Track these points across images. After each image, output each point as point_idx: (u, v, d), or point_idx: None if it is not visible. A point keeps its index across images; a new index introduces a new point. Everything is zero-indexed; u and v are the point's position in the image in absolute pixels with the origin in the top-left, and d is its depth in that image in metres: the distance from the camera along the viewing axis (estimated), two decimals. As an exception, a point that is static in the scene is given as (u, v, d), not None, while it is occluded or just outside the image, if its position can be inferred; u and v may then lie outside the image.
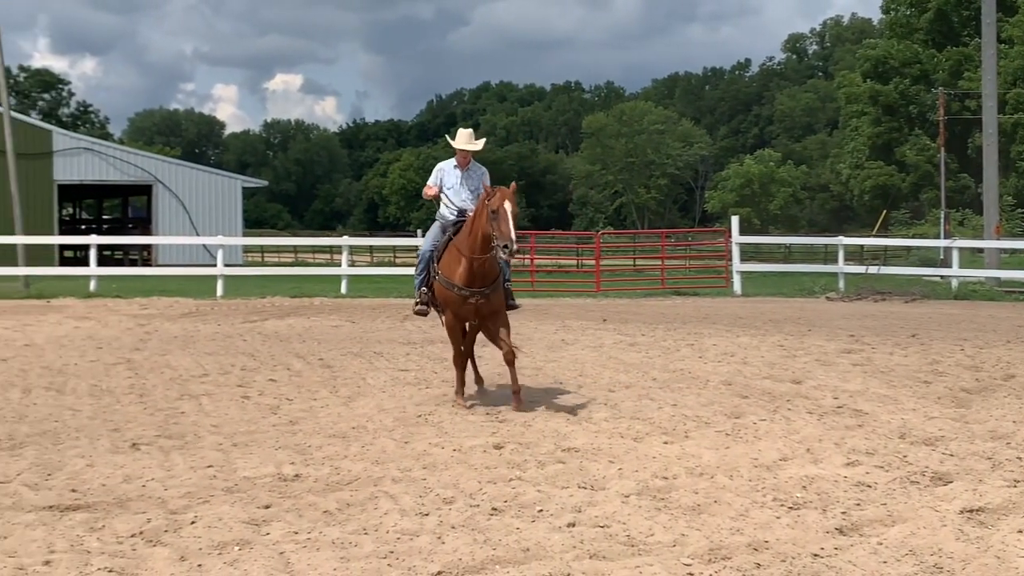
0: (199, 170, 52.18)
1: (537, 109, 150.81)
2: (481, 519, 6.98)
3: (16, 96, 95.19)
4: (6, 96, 32.92)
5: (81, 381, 12.88)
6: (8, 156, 31.38)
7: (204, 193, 49.38)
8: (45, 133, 47.42)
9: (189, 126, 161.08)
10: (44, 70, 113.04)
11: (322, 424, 10.30)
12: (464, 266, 10.90)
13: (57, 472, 8.18)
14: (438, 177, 11.79)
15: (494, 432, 9.80)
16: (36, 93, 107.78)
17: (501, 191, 10.68)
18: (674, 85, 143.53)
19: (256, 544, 6.38)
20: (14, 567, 5.91)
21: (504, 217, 10.42)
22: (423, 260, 11.64)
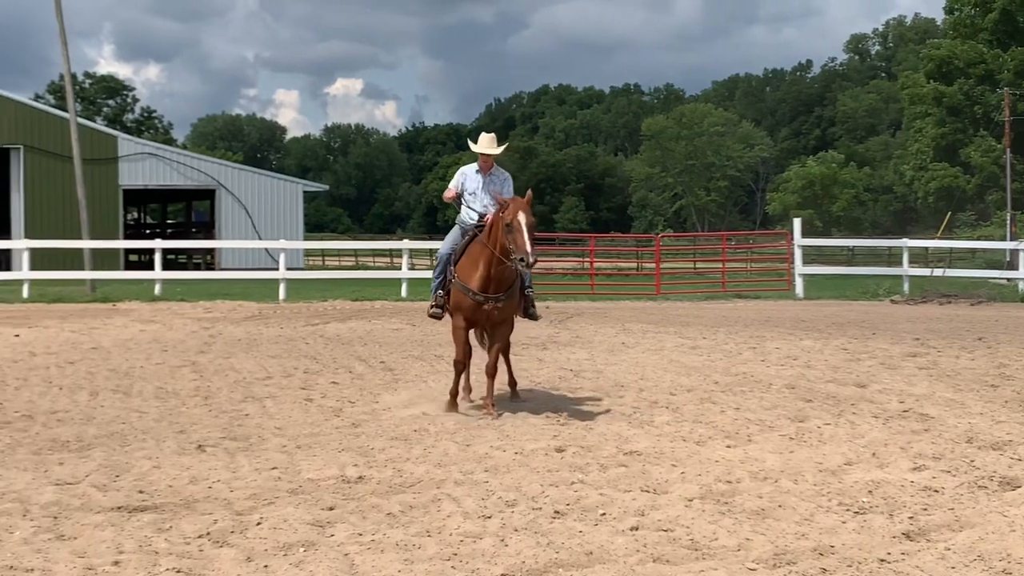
0: (261, 175, 52.65)
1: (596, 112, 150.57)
2: (544, 522, 6.98)
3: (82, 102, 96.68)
4: (73, 102, 33.44)
5: (147, 384, 13.05)
6: (75, 161, 31.86)
7: (266, 197, 49.80)
8: (111, 139, 48.06)
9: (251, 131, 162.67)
10: (109, 76, 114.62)
11: (384, 427, 10.35)
12: (481, 272, 10.86)
13: (125, 473, 8.29)
14: (460, 181, 11.72)
15: (555, 435, 9.79)
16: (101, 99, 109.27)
17: (515, 202, 10.60)
18: (735, 87, 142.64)
19: (321, 545, 6.43)
20: (84, 567, 5.99)
21: (519, 230, 10.34)
22: (441, 263, 11.61)
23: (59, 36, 31.99)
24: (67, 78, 34.06)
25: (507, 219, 10.43)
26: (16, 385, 12.87)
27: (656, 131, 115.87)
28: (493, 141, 11.68)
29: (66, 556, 6.19)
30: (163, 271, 30.02)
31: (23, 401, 11.79)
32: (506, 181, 11.67)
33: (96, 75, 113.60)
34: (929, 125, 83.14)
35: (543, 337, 18.33)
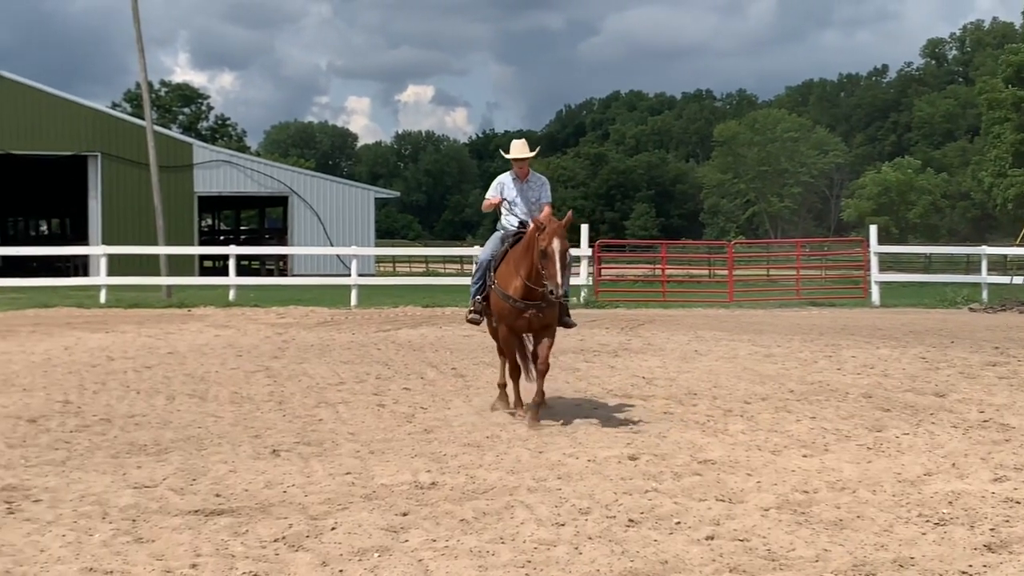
0: (333, 181, 53.10)
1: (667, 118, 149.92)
2: (618, 530, 6.93)
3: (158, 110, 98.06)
4: (149, 110, 33.95)
5: (222, 388, 13.18)
6: (152, 168, 32.35)
7: (338, 204, 50.20)
8: (186, 146, 48.75)
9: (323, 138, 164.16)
10: (184, 85, 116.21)
11: (456, 433, 10.35)
12: (520, 281, 10.75)
13: (201, 477, 8.37)
14: (498, 190, 11.62)
15: (629, 443, 9.73)
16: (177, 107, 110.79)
17: (551, 226, 10.40)
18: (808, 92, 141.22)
19: (395, 551, 6.44)
20: (162, 570, 6.05)
21: (552, 259, 10.21)
22: (480, 268, 11.53)
23: (136, 45, 32.51)
24: (144, 86, 34.59)
25: (542, 244, 10.31)
26: (94, 389, 13.07)
27: (728, 137, 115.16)
28: (525, 146, 11.58)
29: (144, 559, 6.26)
30: (237, 277, 30.32)
31: (101, 405, 11.96)
32: (544, 186, 11.61)
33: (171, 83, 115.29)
34: (1008, 130, 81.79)
35: (614, 344, 18.26)
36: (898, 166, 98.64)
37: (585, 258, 29.58)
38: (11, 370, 14.66)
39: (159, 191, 32.30)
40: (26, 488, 7.97)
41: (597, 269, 30.42)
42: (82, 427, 10.61)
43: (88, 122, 45.51)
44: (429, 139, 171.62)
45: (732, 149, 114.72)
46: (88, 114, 46.04)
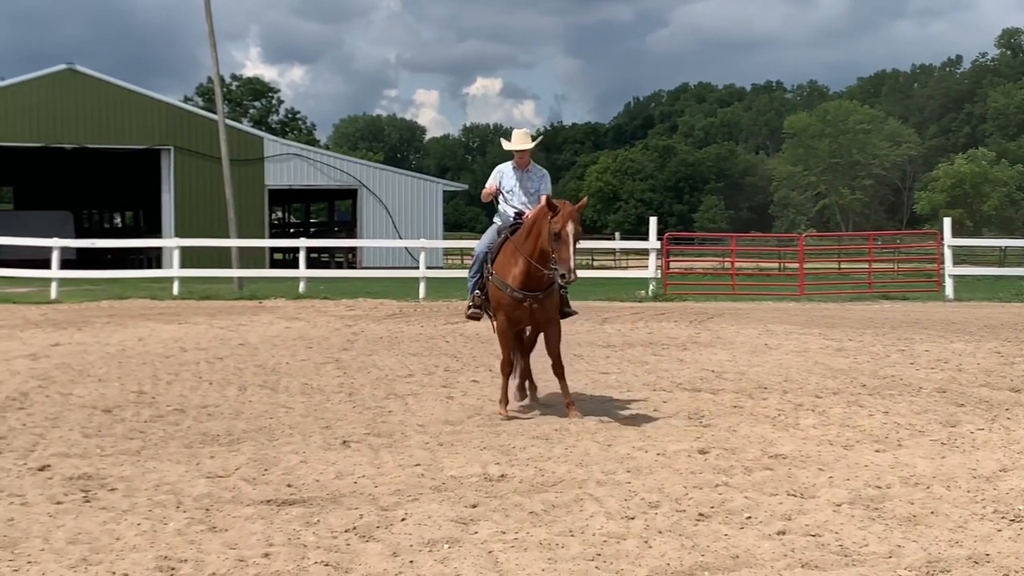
0: (401, 174, 53.36)
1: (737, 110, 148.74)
2: (688, 524, 6.90)
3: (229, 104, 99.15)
4: (221, 104, 34.33)
5: (293, 379, 13.29)
6: (223, 162, 32.72)
7: (406, 197, 50.41)
8: (257, 140, 49.20)
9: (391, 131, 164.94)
10: (255, 79, 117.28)
11: (525, 425, 10.36)
12: (520, 268, 10.51)
13: (273, 467, 8.46)
14: (497, 179, 11.43)
15: (698, 437, 9.68)
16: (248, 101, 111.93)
17: (565, 209, 10.16)
18: (880, 83, 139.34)
19: (465, 543, 6.46)
20: (235, 559, 6.13)
21: (566, 242, 9.96)
22: (477, 261, 11.29)
23: (208, 39, 32.88)
24: (216, 80, 35.01)
25: (556, 227, 10.02)
26: (168, 380, 13.25)
27: (799, 129, 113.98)
28: (526, 136, 11.41)
29: (218, 547, 6.34)
30: (307, 269, 30.55)
31: (175, 395, 12.12)
32: (544, 178, 11.44)
33: (242, 77, 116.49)
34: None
35: (683, 337, 18.16)
36: (972, 158, 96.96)
37: (654, 251, 29.44)
38: (86, 361, 14.90)
39: (231, 184, 32.65)
40: (102, 477, 8.11)
41: (666, 262, 30.27)
42: (156, 417, 10.76)
43: (161, 116, 46.10)
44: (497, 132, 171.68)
45: (803, 141, 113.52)
46: (161, 108, 46.64)
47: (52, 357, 15.26)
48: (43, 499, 7.43)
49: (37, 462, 8.57)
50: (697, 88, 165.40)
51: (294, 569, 5.99)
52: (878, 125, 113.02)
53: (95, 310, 23.92)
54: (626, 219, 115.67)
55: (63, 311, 23.52)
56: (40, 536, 6.55)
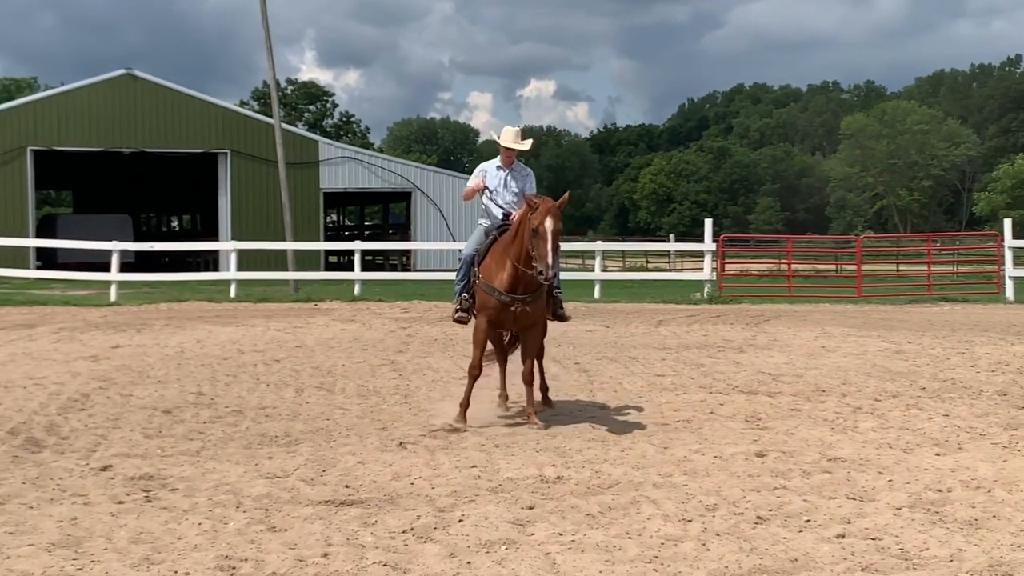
0: (456, 177, 53.44)
1: (793, 111, 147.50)
2: (746, 527, 6.86)
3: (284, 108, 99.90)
4: (277, 108, 34.59)
5: (349, 381, 13.36)
6: (280, 165, 32.97)
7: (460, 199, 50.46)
8: (312, 143, 49.49)
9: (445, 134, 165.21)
10: (310, 82, 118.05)
11: (580, 427, 10.35)
12: (508, 271, 10.30)
13: (331, 468, 8.52)
14: (480, 178, 11.17)
15: (755, 440, 9.63)
16: (303, 105, 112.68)
17: (544, 205, 9.96)
18: (939, 83, 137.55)
19: (522, 544, 6.47)
20: (295, 558, 6.18)
21: (544, 238, 9.77)
22: (464, 265, 10.98)
23: (265, 44, 33.15)
24: (272, 85, 35.27)
25: (534, 223, 9.87)
26: (226, 381, 13.37)
27: (856, 129, 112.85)
28: (519, 135, 11.10)
29: (278, 547, 6.39)
30: (362, 272, 30.71)
31: (233, 397, 12.24)
32: (528, 177, 11.14)
33: (297, 81, 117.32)
34: None
35: (739, 340, 18.06)
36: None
37: (709, 253, 29.30)
38: (146, 362, 15.07)
39: (287, 187, 32.88)
40: (163, 477, 8.20)
41: (721, 264, 30.11)
42: (215, 418, 10.87)
43: (218, 120, 46.53)
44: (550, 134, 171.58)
45: (860, 142, 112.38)
46: (218, 112, 47.07)
47: (112, 359, 15.45)
48: (105, 499, 7.53)
49: (99, 462, 8.68)
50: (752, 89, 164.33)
51: (353, 569, 6.03)
52: (936, 125, 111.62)
53: (154, 312, 24.19)
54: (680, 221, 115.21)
55: (123, 313, 23.81)
56: (103, 535, 6.64)
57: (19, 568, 5.98)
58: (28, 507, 7.28)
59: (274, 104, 34.57)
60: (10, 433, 9.83)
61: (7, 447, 9.26)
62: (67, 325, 20.72)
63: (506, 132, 11.07)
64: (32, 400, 11.72)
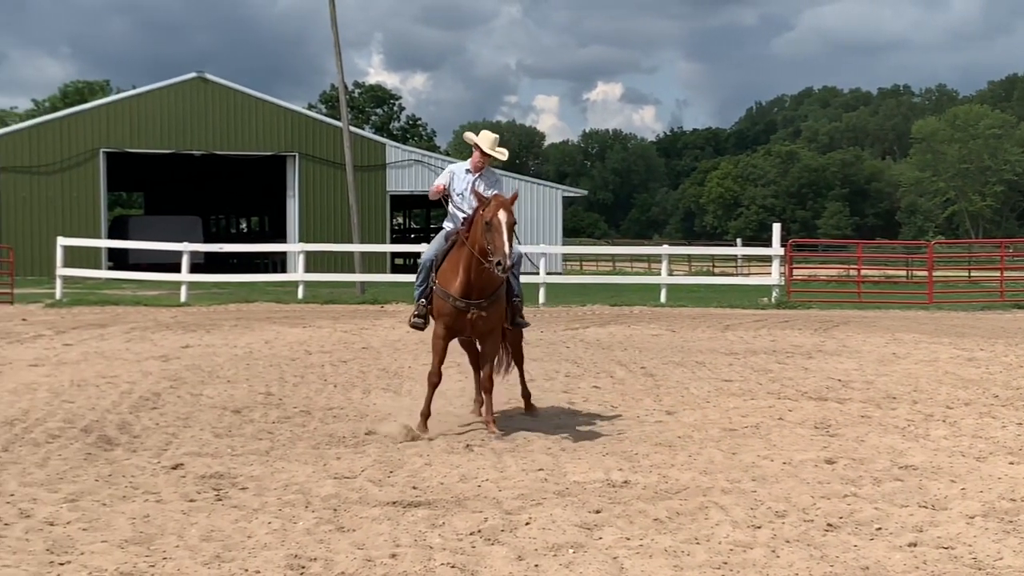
0: (521, 180, 53.53)
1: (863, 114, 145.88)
2: (816, 534, 6.79)
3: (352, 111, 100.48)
4: (346, 112, 34.85)
5: (415, 383, 13.37)
6: (347, 168, 33.19)
7: (526, 202, 50.45)
8: (379, 146, 49.78)
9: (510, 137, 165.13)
10: (377, 86, 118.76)
11: (647, 432, 10.31)
12: (461, 276, 10.12)
13: (398, 470, 8.55)
14: (447, 179, 10.92)
15: (825, 447, 9.53)
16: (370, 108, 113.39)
17: (496, 199, 9.83)
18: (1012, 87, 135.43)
19: (589, 548, 6.44)
20: (363, 559, 6.20)
21: (498, 229, 9.59)
22: (424, 269, 10.76)
23: (334, 48, 33.40)
24: (341, 89, 35.56)
25: (487, 217, 9.70)
26: (294, 382, 13.48)
27: (927, 133, 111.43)
28: (496, 142, 10.89)
29: (346, 547, 6.42)
30: (429, 274, 30.73)
31: (301, 397, 12.33)
32: (498, 182, 10.92)
33: (365, 84, 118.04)
34: None
35: (808, 346, 17.89)
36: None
37: (777, 257, 29.06)
38: (216, 362, 15.24)
39: (354, 190, 33.09)
40: (233, 476, 8.28)
41: (789, 269, 29.85)
42: (283, 418, 10.96)
43: (287, 123, 46.95)
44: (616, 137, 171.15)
45: (931, 146, 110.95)
46: (287, 115, 47.49)
47: (183, 358, 15.65)
48: (177, 497, 7.62)
49: (170, 461, 8.79)
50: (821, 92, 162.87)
51: (421, 570, 6.04)
52: (1009, 130, 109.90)
53: (223, 313, 24.47)
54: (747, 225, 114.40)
55: (192, 314, 24.12)
56: (175, 533, 6.72)
57: (93, 564, 6.07)
58: (101, 504, 7.38)
59: (342, 107, 34.82)
60: (83, 431, 9.99)
61: (81, 444, 9.41)
62: (138, 325, 21.03)
63: (484, 135, 10.86)
64: (104, 398, 11.90)
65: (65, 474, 8.28)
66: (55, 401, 11.67)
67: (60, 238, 30.21)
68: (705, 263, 60.90)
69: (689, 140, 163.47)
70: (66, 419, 10.55)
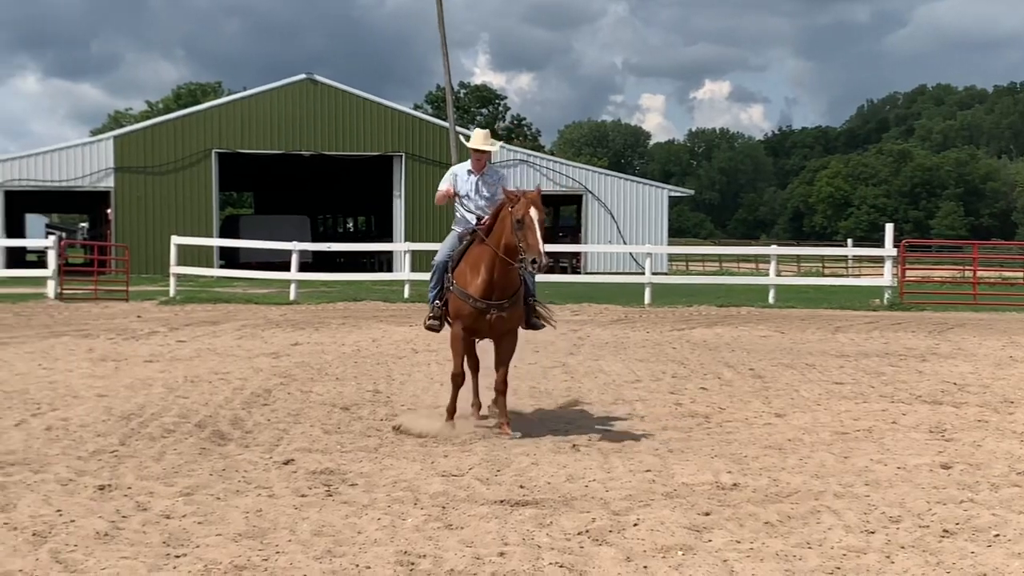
0: (627, 180, 53.32)
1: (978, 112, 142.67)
2: (931, 540, 6.64)
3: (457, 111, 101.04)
4: (452, 112, 35.09)
5: (521, 383, 13.39)
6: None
7: (631, 202, 50.36)
8: (485, 146, 49.97)
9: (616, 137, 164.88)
10: (482, 86, 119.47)
11: (756, 435, 10.18)
12: (482, 276, 9.96)
13: (505, 468, 8.56)
14: (451, 182, 10.84)
15: (940, 451, 9.31)
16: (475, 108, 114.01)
17: (526, 197, 9.64)
18: None
19: (699, 550, 6.38)
20: (472, 556, 6.22)
21: (531, 227, 9.43)
22: (437, 271, 10.63)
23: (441, 49, 33.66)
24: (448, 89, 35.87)
25: (517, 214, 9.51)
26: (401, 380, 13.60)
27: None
28: (488, 137, 10.81)
29: (455, 544, 6.44)
30: (533, 274, 30.76)
31: (408, 395, 12.44)
32: (500, 180, 10.76)
33: (470, 85, 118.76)
34: None
35: (922, 348, 17.53)
36: None
37: (890, 258, 28.54)
38: (324, 360, 15.44)
39: (460, 190, 33.23)
40: (343, 472, 8.37)
41: (902, 270, 29.27)
42: (391, 416, 11.05)
43: (394, 123, 47.41)
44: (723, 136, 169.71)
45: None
46: (394, 116, 47.94)
47: (292, 356, 15.89)
48: (288, 492, 7.72)
49: (282, 456, 8.92)
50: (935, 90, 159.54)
51: (530, 569, 6.03)
52: None
53: (331, 311, 24.79)
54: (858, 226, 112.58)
55: (301, 312, 24.48)
56: (287, 527, 6.81)
57: (208, 557, 6.18)
58: (216, 498, 7.52)
59: (449, 109, 35.14)
60: (197, 426, 10.19)
61: (195, 439, 9.59)
62: (249, 322, 21.41)
63: (475, 134, 10.83)
64: (217, 394, 12.13)
65: (180, 468, 8.45)
66: (170, 396, 11.93)
67: (174, 237, 30.90)
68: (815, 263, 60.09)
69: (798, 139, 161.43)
70: (181, 414, 10.78)
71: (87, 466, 8.46)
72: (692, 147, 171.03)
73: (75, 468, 8.36)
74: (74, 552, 6.26)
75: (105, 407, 11.16)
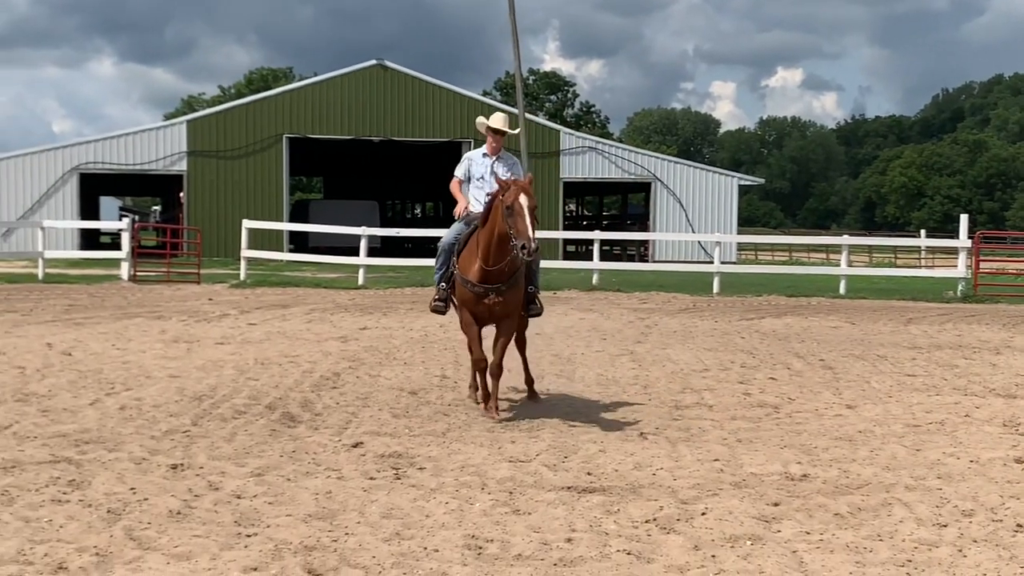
0: (696, 168, 52.97)
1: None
2: (1005, 535, 6.54)
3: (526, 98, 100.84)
4: (521, 98, 35.06)
5: (588, 370, 13.41)
6: (522, 155, 33.42)
7: (700, 191, 50.04)
8: (554, 133, 49.95)
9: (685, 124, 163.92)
10: (552, 73, 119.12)
11: (827, 426, 10.08)
12: (479, 262, 10.06)
13: (572, 455, 8.56)
14: (466, 167, 10.89)
15: (1015, 445, 9.16)
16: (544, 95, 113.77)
17: (516, 184, 9.73)
18: None
19: (767, 541, 6.34)
20: (539, 542, 6.23)
21: (520, 213, 9.49)
22: (443, 254, 10.81)
23: (511, 36, 33.64)
24: (518, 76, 35.84)
25: (507, 201, 9.60)
26: (468, 366, 13.51)
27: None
28: (507, 120, 10.86)
29: (522, 530, 6.46)
30: (600, 262, 30.77)
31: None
32: (515, 165, 10.88)
33: (539, 71, 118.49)
34: None
35: (996, 341, 17.25)
36: None
37: (964, 250, 28.12)
38: (392, 344, 15.53)
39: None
40: (411, 456, 8.43)
41: (976, 262, 28.82)
42: (458, 401, 11.10)
43: (462, 110, 47.48)
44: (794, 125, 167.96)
45: None
46: (463, 102, 48.03)
47: (361, 340, 15.99)
48: (357, 474, 7.79)
49: (351, 439, 8.99)
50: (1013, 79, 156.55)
51: (597, 555, 6.04)
52: None
53: (399, 296, 24.92)
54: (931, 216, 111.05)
55: (369, 296, 24.64)
56: (356, 509, 6.87)
57: (279, 537, 6.25)
58: (286, 479, 7.60)
59: (519, 94, 35.09)
60: (268, 408, 10.31)
61: (266, 421, 9.71)
62: (318, 306, 21.58)
63: (495, 116, 10.92)
64: (287, 377, 12.25)
65: (251, 449, 8.56)
66: (240, 378, 12.07)
67: (246, 221, 31.22)
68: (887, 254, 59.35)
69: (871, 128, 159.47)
70: (251, 396, 10.90)
71: (160, 445, 8.59)
72: (763, 135, 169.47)
73: (148, 447, 8.50)
74: (147, 529, 6.36)
75: (177, 388, 11.32)
